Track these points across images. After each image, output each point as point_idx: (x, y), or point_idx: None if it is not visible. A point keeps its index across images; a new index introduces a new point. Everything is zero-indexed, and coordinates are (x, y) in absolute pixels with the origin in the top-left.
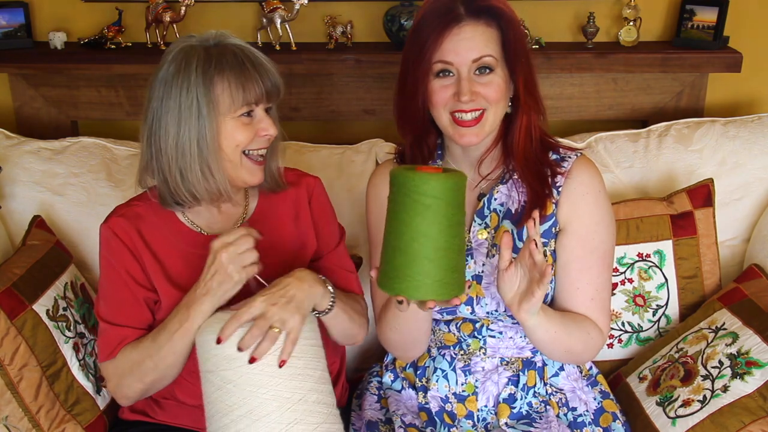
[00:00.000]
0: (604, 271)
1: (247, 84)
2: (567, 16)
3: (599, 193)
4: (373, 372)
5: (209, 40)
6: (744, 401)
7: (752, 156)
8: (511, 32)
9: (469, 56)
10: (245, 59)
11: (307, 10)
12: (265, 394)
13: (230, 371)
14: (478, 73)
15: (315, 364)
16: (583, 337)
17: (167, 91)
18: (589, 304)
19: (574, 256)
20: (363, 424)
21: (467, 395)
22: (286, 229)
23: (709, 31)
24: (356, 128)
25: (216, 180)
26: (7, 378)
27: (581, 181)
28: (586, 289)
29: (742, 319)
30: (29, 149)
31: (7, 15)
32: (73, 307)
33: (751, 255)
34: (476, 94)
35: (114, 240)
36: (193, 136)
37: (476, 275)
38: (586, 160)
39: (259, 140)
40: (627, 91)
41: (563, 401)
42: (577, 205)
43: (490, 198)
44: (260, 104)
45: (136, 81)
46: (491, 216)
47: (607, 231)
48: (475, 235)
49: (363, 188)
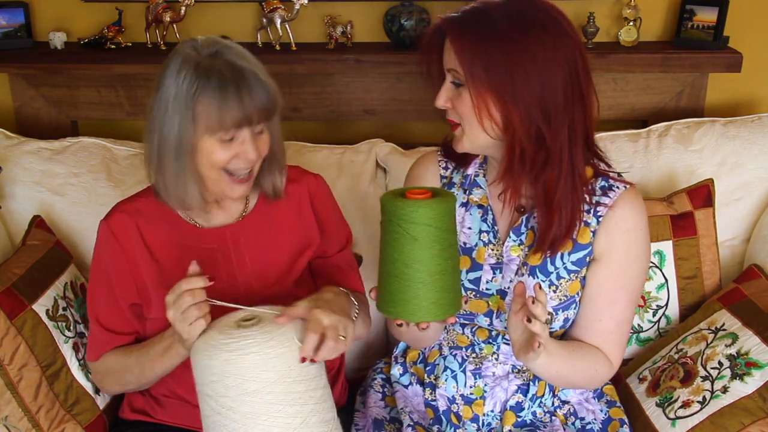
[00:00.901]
0: (628, 307)
1: (226, 110)
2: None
3: (641, 231)
4: (377, 368)
5: (205, 50)
6: (743, 402)
7: (752, 156)
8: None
9: (446, 65)
10: (232, 81)
11: (307, 10)
12: (266, 421)
13: (228, 399)
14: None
15: (315, 385)
16: (588, 373)
17: (161, 90)
18: (606, 337)
19: (602, 288)
20: (369, 423)
21: (475, 398)
22: (287, 225)
23: (709, 31)
24: (356, 128)
25: (187, 192)
26: (6, 378)
27: (625, 216)
28: (608, 322)
29: (742, 320)
30: (29, 149)
31: (7, 15)
32: (73, 307)
33: (751, 255)
34: (451, 103)
35: (111, 240)
36: (171, 142)
37: (501, 290)
38: (634, 195)
39: (238, 161)
40: (627, 91)
41: (571, 411)
42: (616, 239)
43: (530, 216)
44: (244, 127)
45: (136, 81)
46: (527, 234)
47: (640, 269)
48: (507, 250)
49: (363, 188)
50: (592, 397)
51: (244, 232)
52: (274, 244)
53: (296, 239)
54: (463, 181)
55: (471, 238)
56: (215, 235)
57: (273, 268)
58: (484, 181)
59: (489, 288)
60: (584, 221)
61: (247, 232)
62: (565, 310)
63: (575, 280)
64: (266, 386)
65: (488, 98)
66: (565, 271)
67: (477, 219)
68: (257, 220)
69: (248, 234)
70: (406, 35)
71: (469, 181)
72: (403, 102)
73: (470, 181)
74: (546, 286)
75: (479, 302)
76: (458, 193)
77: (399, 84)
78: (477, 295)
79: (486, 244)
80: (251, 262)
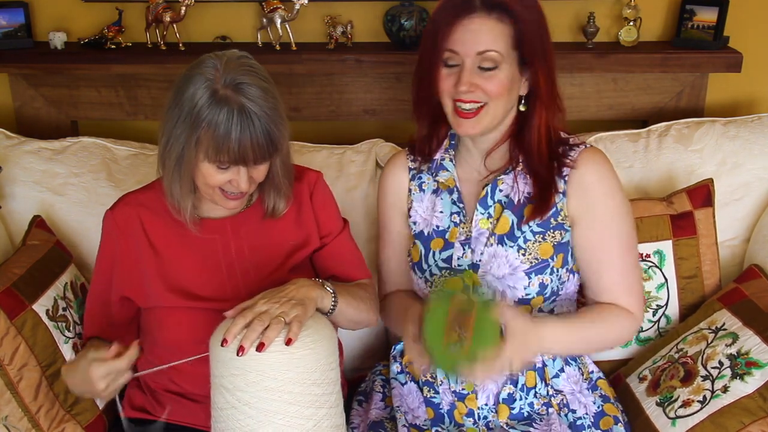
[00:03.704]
0: (626, 255)
1: (225, 148)
2: (567, 16)
3: (609, 180)
4: (377, 371)
5: (228, 77)
6: (744, 402)
7: (752, 156)
8: (526, 30)
9: (474, 48)
10: (237, 123)
11: (307, 10)
12: (281, 420)
13: (247, 394)
14: (482, 68)
15: (332, 389)
16: (606, 335)
17: (177, 99)
18: (615, 290)
19: (590, 245)
20: (365, 423)
21: (467, 393)
22: (287, 223)
23: (709, 31)
24: (356, 128)
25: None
26: (6, 378)
27: (589, 170)
28: (610, 275)
29: (742, 320)
30: (29, 149)
31: (7, 15)
32: (73, 308)
33: (751, 255)
34: (476, 86)
35: (115, 230)
36: (174, 154)
37: (473, 264)
38: (593, 150)
39: (231, 186)
40: (627, 91)
41: (564, 402)
42: (587, 195)
43: (494, 188)
44: (240, 164)
45: (136, 81)
46: (495, 206)
47: (623, 217)
48: (477, 223)
49: (363, 188)
50: (586, 388)
51: (245, 223)
52: (274, 237)
53: (296, 235)
54: (429, 165)
55: (443, 221)
56: (216, 225)
57: (271, 261)
58: (451, 164)
59: (461, 264)
60: None
61: (248, 224)
62: (538, 273)
63: (544, 243)
64: (285, 385)
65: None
66: (531, 233)
67: (448, 203)
68: (258, 213)
69: (248, 226)
70: (406, 35)
71: (436, 165)
72: (403, 102)
73: (437, 165)
74: (515, 251)
75: (454, 280)
76: (428, 180)
77: (399, 84)
78: (451, 272)
79: (457, 224)
80: (250, 254)
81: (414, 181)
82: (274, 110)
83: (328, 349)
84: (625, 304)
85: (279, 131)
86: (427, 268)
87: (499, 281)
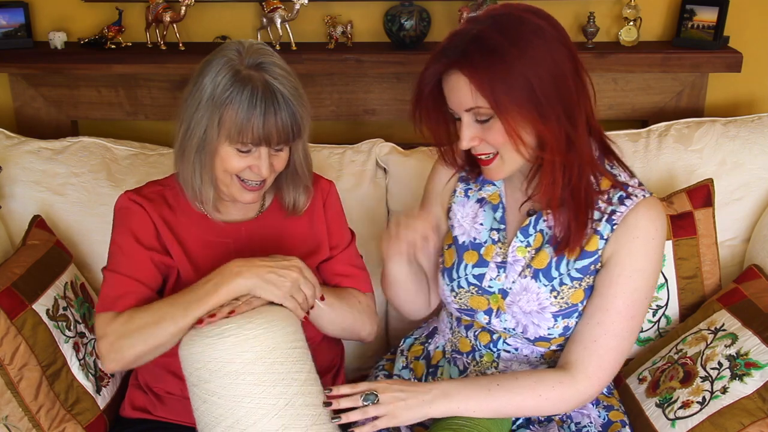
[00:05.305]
0: (623, 321)
1: (249, 126)
2: (567, 16)
3: (651, 241)
4: (380, 366)
5: (249, 58)
6: (743, 402)
7: (752, 156)
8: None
9: (461, 106)
10: (262, 100)
11: (307, 10)
12: (250, 403)
13: (212, 383)
14: (479, 120)
15: (299, 367)
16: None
17: (197, 86)
18: (587, 344)
19: (599, 291)
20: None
21: None
22: (300, 228)
23: (709, 31)
24: (356, 128)
25: (203, 188)
26: (7, 378)
27: (638, 225)
28: (594, 328)
29: (742, 320)
30: (29, 149)
31: (7, 15)
32: (73, 307)
33: (751, 255)
34: (479, 139)
35: (134, 206)
36: (195, 140)
37: (503, 289)
38: (650, 204)
39: (250, 172)
40: (627, 91)
41: (567, 414)
42: (623, 246)
43: (539, 218)
44: (262, 146)
45: (136, 81)
46: (536, 236)
47: (644, 283)
48: (513, 250)
49: (363, 188)
50: (591, 404)
51: (259, 229)
52: (286, 244)
53: (307, 243)
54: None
55: (482, 234)
56: (231, 230)
57: None
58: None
59: (491, 286)
60: (595, 229)
61: (262, 230)
62: (565, 317)
63: (578, 289)
64: (246, 366)
65: (519, 121)
66: (569, 278)
67: (490, 217)
68: (272, 219)
69: (262, 231)
70: (406, 35)
71: (482, 178)
72: (403, 102)
73: (483, 178)
74: (548, 291)
75: (480, 299)
76: (475, 188)
77: (399, 84)
78: (479, 291)
79: (495, 242)
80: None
81: (462, 183)
82: (297, 91)
83: (286, 327)
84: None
85: (303, 113)
86: (457, 279)
87: (524, 315)
